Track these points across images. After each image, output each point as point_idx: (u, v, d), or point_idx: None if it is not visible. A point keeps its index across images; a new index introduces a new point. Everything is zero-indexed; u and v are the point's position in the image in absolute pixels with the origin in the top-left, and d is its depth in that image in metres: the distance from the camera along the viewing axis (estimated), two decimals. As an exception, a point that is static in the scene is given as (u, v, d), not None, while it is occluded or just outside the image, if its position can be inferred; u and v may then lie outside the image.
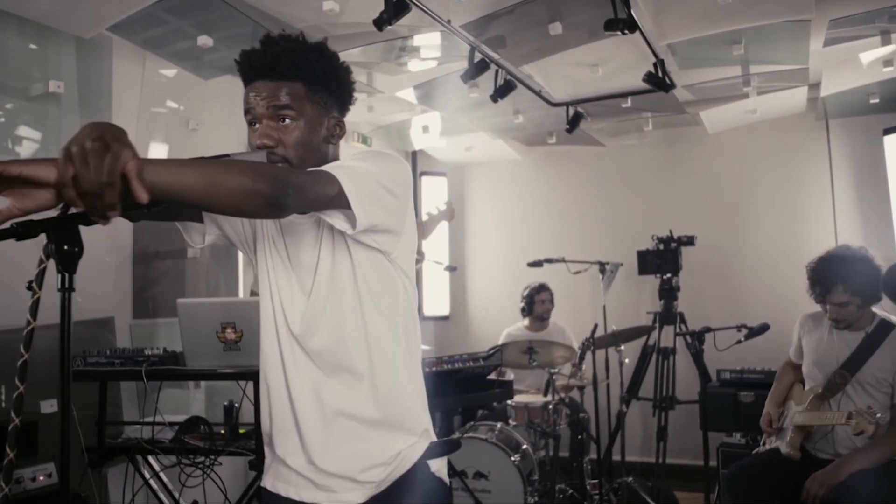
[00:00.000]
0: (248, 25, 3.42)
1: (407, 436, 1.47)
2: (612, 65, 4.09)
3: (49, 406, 3.12)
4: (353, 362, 1.42)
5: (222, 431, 2.90)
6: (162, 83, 4.00)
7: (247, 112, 1.44)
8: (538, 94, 4.37)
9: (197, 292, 4.04)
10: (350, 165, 1.33)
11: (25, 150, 3.35)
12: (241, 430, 2.90)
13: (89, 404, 2.92)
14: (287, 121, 1.41)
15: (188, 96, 4.10)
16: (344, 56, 4.03)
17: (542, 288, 5.11)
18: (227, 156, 1.23)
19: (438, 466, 1.51)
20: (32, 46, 3.31)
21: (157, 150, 3.93)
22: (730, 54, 3.92)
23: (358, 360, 1.43)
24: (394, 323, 1.46)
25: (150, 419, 2.85)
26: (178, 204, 1.13)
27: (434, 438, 1.53)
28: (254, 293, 3.63)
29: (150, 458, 2.99)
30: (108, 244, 3.60)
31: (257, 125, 1.42)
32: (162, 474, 3.05)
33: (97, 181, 0.91)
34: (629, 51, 3.84)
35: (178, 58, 3.81)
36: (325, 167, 1.30)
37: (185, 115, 4.10)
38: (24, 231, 1.07)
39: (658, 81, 3.79)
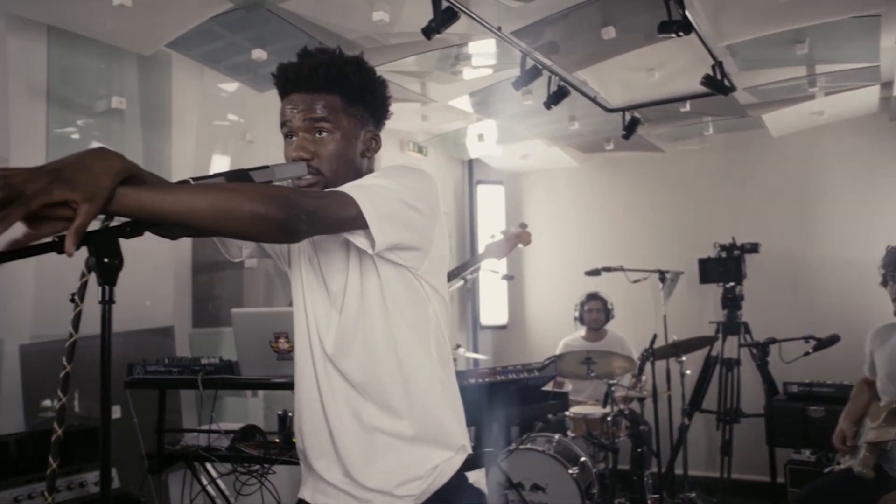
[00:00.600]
0: (300, 38, 3.47)
1: (443, 450, 1.44)
2: (668, 68, 3.99)
3: (113, 412, 3.20)
4: (385, 381, 1.41)
5: (276, 440, 2.92)
6: (221, 97, 4.09)
7: (283, 125, 1.44)
8: (593, 99, 4.29)
9: (255, 302, 4.11)
10: (368, 184, 1.31)
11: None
12: (294, 439, 2.91)
13: (150, 411, 2.99)
14: (323, 133, 1.40)
15: (245, 109, 4.19)
16: (397, 66, 4.10)
17: (592, 297, 5.02)
18: (221, 176, 1.21)
19: (477, 478, 1.49)
20: (99, 65, 3.44)
21: (218, 163, 4.03)
22: (793, 54, 3.76)
23: (390, 379, 1.41)
24: (425, 339, 1.44)
25: (211, 427, 2.90)
26: (188, 229, 1.12)
27: (471, 451, 1.50)
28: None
29: (208, 465, 3.04)
30: (169, 255, 3.69)
31: (294, 138, 1.43)
32: (219, 481, 3.10)
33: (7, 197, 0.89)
34: (686, 53, 3.73)
35: (234, 71, 3.90)
36: (343, 187, 1.28)
37: (243, 127, 4.19)
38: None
39: (717, 84, 3.66)
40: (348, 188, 1.28)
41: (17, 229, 0.95)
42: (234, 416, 3.80)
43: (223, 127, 4.16)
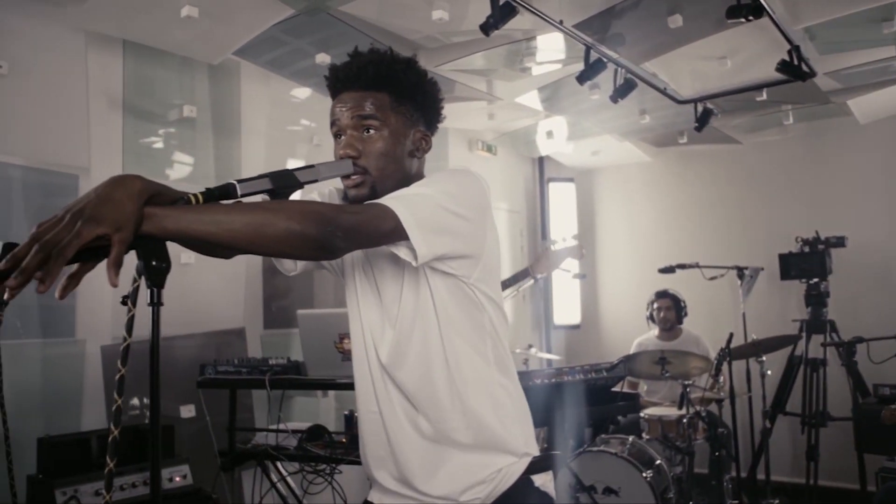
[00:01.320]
0: (362, 41, 3.49)
1: (506, 456, 1.42)
2: (741, 55, 3.82)
3: (187, 411, 3.33)
4: (439, 391, 1.39)
5: (343, 440, 2.96)
6: (288, 101, 4.19)
7: (332, 124, 1.44)
8: (663, 91, 4.16)
9: (325, 303, 4.18)
10: (408, 194, 1.29)
11: (176, 174, 3.61)
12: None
13: (223, 410, 3.09)
14: (371, 131, 1.39)
15: (312, 113, 4.27)
16: (462, 64, 4.09)
17: (662, 295, 4.87)
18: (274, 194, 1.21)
19: (543, 481, 1.46)
20: (171, 75, 3.57)
21: (287, 167, 4.12)
22: (880, 34, 3.54)
23: (444, 388, 1.39)
24: (480, 347, 1.41)
25: (278, 426, 2.96)
26: (225, 249, 1.13)
27: (537, 455, 1.47)
28: None
29: (278, 464, 3.11)
30: (240, 257, 3.80)
31: (342, 136, 1.42)
32: (289, 479, 3.16)
33: (50, 245, 0.93)
34: (760, 39, 3.56)
35: (299, 76, 3.98)
36: (383, 199, 1.27)
37: (311, 131, 4.27)
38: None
39: (794, 70, 3.48)
40: (387, 199, 1.26)
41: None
42: (305, 415, 3.87)
43: (291, 131, 4.25)
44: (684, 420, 3.86)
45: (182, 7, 3.00)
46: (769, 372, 4.27)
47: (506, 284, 3.92)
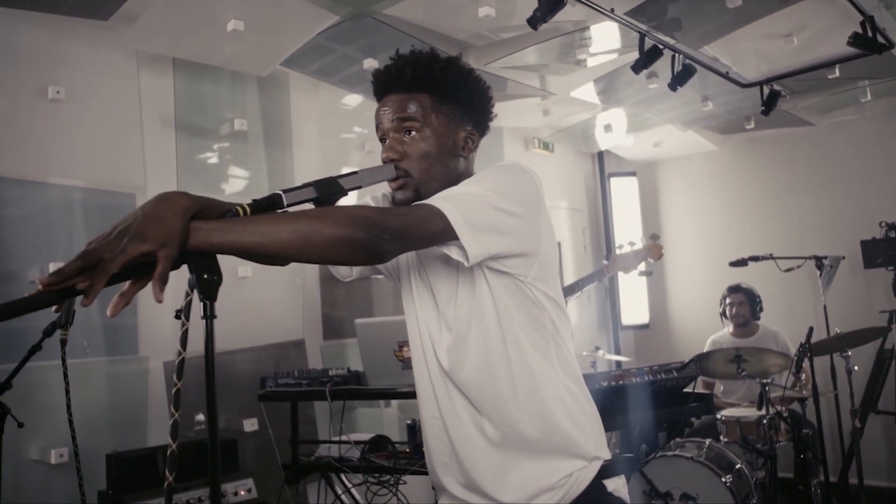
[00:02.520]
0: (409, 43, 3.53)
1: (575, 460, 1.40)
2: (809, 31, 3.69)
3: (250, 425, 3.41)
4: (503, 394, 1.38)
5: (407, 450, 2.97)
6: (338, 109, 4.25)
7: (377, 129, 1.46)
8: (725, 76, 4.06)
9: (384, 311, 4.21)
10: (455, 193, 1.29)
11: (231, 188, 3.72)
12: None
13: (285, 423, 3.15)
14: (412, 133, 1.40)
15: (363, 120, 4.33)
16: (513, 61, 4.08)
17: (734, 290, 4.74)
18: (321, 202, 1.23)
19: (616, 486, 1.44)
20: (220, 90, 3.68)
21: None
22: (963, -3, 3.38)
23: (508, 392, 1.38)
24: (543, 348, 1.40)
25: (340, 437, 3.00)
26: (274, 259, 1.16)
27: (608, 459, 1.45)
28: None
29: (343, 476, 3.15)
30: (296, 268, 3.88)
31: (386, 140, 1.45)
32: (354, 491, 3.20)
33: (96, 258, 0.95)
34: (828, 12, 3.44)
35: (348, 83, 4.04)
36: (430, 199, 1.27)
37: (362, 138, 4.33)
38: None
39: (869, 43, 3.34)
40: (435, 199, 1.26)
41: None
42: (369, 426, 3.92)
43: (343, 139, 4.31)
44: (764, 421, 3.74)
45: (228, 22, 3.09)
46: (856, 367, 4.10)
47: (576, 287, 3.85)
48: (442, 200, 1.25)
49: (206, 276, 1.14)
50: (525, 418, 1.38)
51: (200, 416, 3.31)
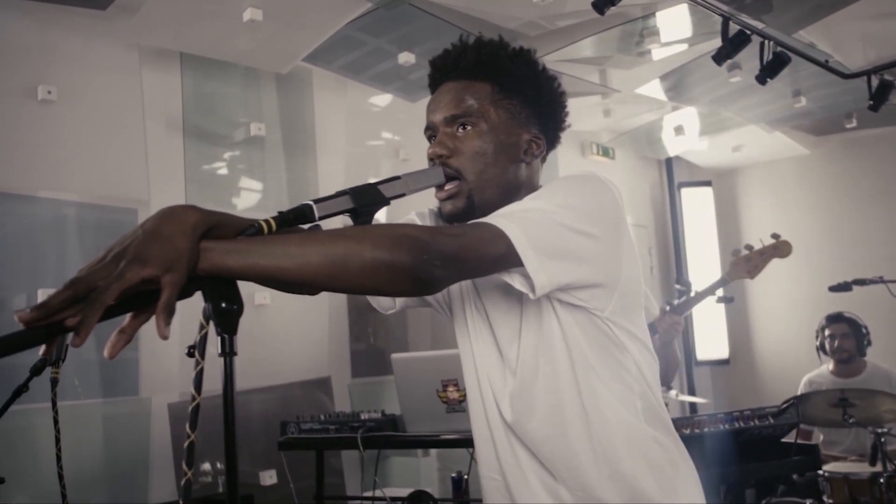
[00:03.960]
0: (453, 34, 3.48)
1: None
2: (927, 10, 3.60)
3: (268, 477, 3.36)
4: (579, 452, 1.32)
5: (451, 508, 2.92)
6: (369, 111, 4.23)
7: (427, 127, 1.42)
8: (824, 65, 3.97)
9: (421, 346, 4.16)
10: (520, 210, 1.23)
11: (244, 202, 3.69)
12: (476, 510, 2.89)
13: (307, 474, 3.10)
14: (467, 127, 1.36)
15: (397, 123, 4.30)
16: (569, 53, 4.01)
17: (835, 319, 4.58)
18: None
19: None
20: (234, 89, 3.68)
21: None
22: None
23: (585, 450, 1.32)
24: (626, 397, 1.34)
25: (374, 493, 2.94)
26: (302, 287, 1.10)
27: None
28: None
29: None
30: (322, 297, 3.84)
31: (436, 136, 1.40)
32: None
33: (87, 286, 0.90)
34: (951, -12, 3.34)
35: (380, 81, 4.03)
36: (490, 217, 1.21)
37: (396, 144, 4.30)
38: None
39: None
40: (494, 217, 1.20)
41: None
42: (404, 478, 3.85)
43: (373, 146, 4.28)
44: (881, 479, 3.58)
45: (244, 11, 3.08)
46: None
47: (695, 300, 3.75)
48: (503, 219, 1.19)
49: (223, 304, 1.09)
50: (607, 482, 1.31)
51: (208, 466, 3.27)
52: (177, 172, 3.41)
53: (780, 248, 3.79)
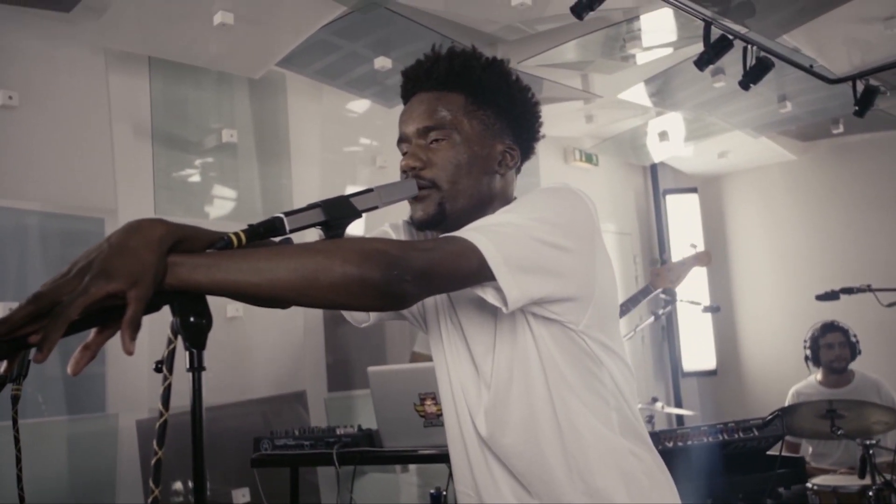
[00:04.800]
0: (429, 38, 3.51)
1: None
2: (913, 14, 3.66)
3: (241, 496, 3.35)
4: (553, 467, 1.34)
5: (430, 527, 2.92)
6: (344, 117, 4.23)
7: (399, 139, 1.43)
8: (809, 70, 4.02)
9: (399, 357, 4.17)
10: (492, 224, 1.25)
11: (217, 210, 3.68)
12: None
13: (282, 492, 3.08)
14: (441, 139, 1.38)
15: (373, 129, 4.31)
16: (550, 58, 4.04)
17: (830, 328, 4.62)
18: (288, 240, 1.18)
19: None
20: (205, 95, 3.67)
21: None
22: None
23: (559, 465, 1.34)
24: (601, 411, 1.36)
25: (348, 511, 2.94)
26: (270, 302, 1.12)
27: None
28: (417, 354, 3.69)
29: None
30: (296, 309, 3.83)
31: (409, 147, 1.41)
32: (366, 578, 3.12)
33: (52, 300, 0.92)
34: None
35: (356, 86, 4.04)
36: (461, 231, 1.23)
37: (373, 150, 4.30)
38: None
39: None
40: (466, 231, 1.22)
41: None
42: (382, 495, 3.85)
43: (350, 153, 4.29)
44: (870, 493, 3.62)
45: (215, 14, 3.08)
46: None
47: (624, 309, 3.87)
48: (475, 233, 1.21)
49: (192, 318, 1.11)
50: (580, 497, 1.33)
51: (179, 485, 3.26)
52: (146, 180, 3.40)
53: (699, 258, 3.96)
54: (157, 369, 1.10)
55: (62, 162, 3.18)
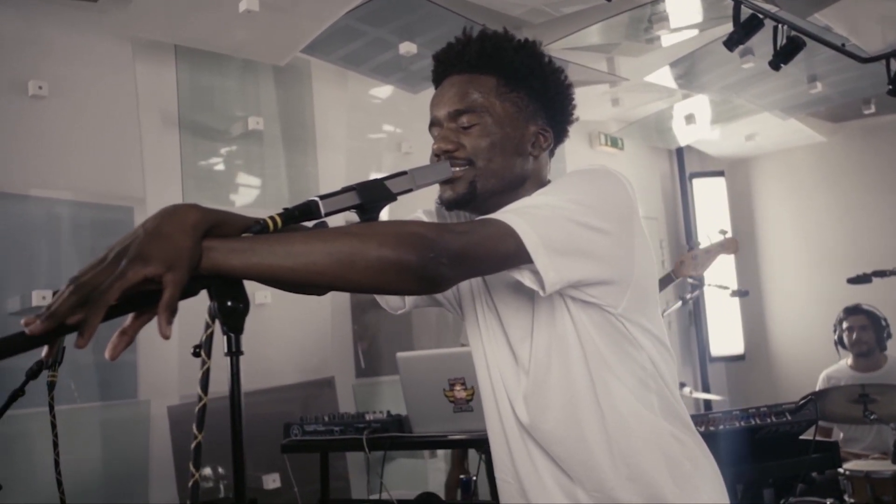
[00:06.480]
0: (455, 23, 3.49)
1: None
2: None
3: (271, 481, 3.37)
4: (596, 453, 1.34)
5: (460, 512, 2.93)
6: (370, 103, 4.23)
7: (430, 123, 1.43)
8: (841, 49, 3.96)
9: (426, 343, 4.17)
10: (528, 206, 1.24)
11: (243, 198, 3.70)
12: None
13: (312, 478, 3.10)
14: (473, 122, 1.37)
15: (399, 115, 4.30)
16: (575, 41, 4.01)
17: (854, 311, 4.58)
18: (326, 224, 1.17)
19: None
20: (231, 83, 3.68)
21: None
22: None
23: (602, 450, 1.33)
24: (642, 395, 1.35)
25: (381, 496, 2.95)
26: (306, 287, 1.11)
27: None
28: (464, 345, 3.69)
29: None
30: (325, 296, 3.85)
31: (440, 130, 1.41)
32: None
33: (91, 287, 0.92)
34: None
35: (381, 72, 4.03)
36: (498, 213, 1.23)
37: (398, 137, 4.30)
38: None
39: None
40: (503, 214, 1.22)
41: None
42: (411, 481, 3.85)
43: (375, 139, 4.29)
44: (904, 477, 3.59)
45: (240, 1, 3.08)
46: None
47: None
48: (512, 215, 1.21)
49: (229, 303, 1.11)
50: (625, 482, 1.32)
51: (208, 471, 3.28)
52: (173, 169, 3.42)
53: (726, 245, 3.88)
54: (196, 353, 1.10)
55: (91, 151, 3.21)
